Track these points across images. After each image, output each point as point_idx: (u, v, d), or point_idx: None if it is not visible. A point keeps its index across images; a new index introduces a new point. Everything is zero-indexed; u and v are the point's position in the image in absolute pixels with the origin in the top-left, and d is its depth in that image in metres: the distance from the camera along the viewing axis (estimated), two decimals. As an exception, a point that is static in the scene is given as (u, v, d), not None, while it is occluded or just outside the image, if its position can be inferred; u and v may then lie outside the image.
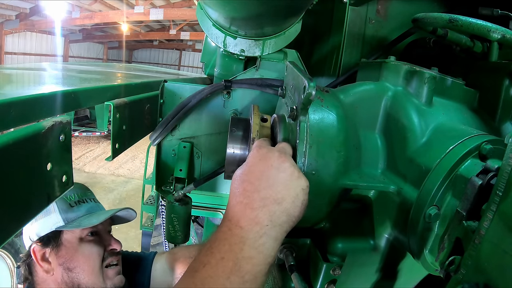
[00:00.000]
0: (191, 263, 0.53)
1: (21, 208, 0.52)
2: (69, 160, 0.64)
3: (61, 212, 1.05)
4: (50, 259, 1.03)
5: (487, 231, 0.46)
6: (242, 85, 1.09)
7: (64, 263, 1.03)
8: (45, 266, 1.03)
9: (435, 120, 0.71)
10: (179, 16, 11.24)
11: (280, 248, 0.81)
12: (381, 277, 0.80)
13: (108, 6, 12.96)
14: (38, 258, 1.03)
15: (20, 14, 11.94)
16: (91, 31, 16.85)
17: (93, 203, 1.16)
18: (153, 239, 4.75)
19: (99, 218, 1.08)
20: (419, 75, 0.75)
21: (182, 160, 1.15)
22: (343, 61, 1.19)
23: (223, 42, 1.03)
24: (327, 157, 0.64)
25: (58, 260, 1.03)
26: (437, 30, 0.92)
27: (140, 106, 1.03)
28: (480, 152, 0.61)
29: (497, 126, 0.81)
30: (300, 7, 0.86)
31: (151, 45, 22.57)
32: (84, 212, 1.10)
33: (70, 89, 0.74)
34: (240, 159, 0.72)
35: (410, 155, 0.69)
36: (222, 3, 0.79)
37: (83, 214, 1.10)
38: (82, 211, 1.10)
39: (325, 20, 1.31)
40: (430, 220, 0.61)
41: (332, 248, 0.77)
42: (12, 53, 13.39)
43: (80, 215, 1.09)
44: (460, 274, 0.51)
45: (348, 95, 0.78)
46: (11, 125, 0.53)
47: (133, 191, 8.55)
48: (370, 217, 0.78)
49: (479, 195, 0.52)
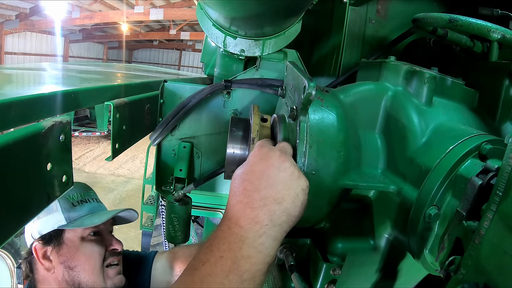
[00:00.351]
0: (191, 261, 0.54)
1: (21, 208, 0.52)
2: (69, 160, 0.64)
3: (63, 211, 1.06)
4: (51, 257, 1.04)
5: (487, 231, 0.46)
6: (242, 85, 1.09)
7: (65, 261, 1.03)
8: (46, 264, 1.03)
9: (435, 120, 0.71)
10: (179, 16, 11.24)
11: (280, 248, 0.81)
12: (381, 277, 0.80)
13: (108, 6, 12.96)
14: (40, 256, 1.03)
15: (20, 14, 11.94)
16: (91, 31, 16.85)
17: (96, 203, 1.17)
18: (153, 239, 4.75)
19: (101, 218, 1.08)
20: (419, 75, 0.75)
21: (182, 160, 1.15)
22: (343, 61, 1.19)
23: (223, 42, 1.03)
24: (327, 157, 0.64)
25: (59, 258, 1.03)
26: (437, 30, 0.92)
27: (140, 106, 1.04)
28: (480, 152, 0.60)
29: (497, 126, 0.81)
30: (300, 7, 0.86)
31: (151, 45, 22.57)
32: (87, 212, 1.11)
33: (70, 89, 0.74)
34: (240, 159, 0.72)
35: (410, 155, 0.69)
36: (222, 3, 0.79)
37: (86, 214, 1.10)
38: (84, 210, 1.11)
39: (325, 20, 1.31)
40: (430, 220, 0.61)
41: (332, 248, 0.77)
42: (12, 53, 13.39)
43: (83, 214, 1.10)
44: (460, 274, 0.51)
45: (348, 95, 0.78)
46: (11, 125, 0.53)
47: (133, 191, 8.55)
48: (370, 217, 0.78)
49: (479, 195, 0.52)
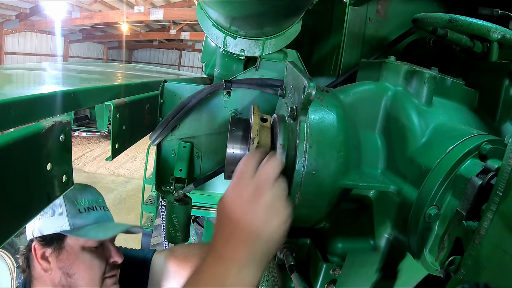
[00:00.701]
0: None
1: (21, 208, 0.52)
2: (69, 160, 0.64)
3: (69, 216, 1.03)
4: (49, 259, 1.03)
5: (487, 231, 0.46)
6: (242, 85, 1.09)
7: (64, 267, 1.02)
8: (44, 264, 1.02)
9: (435, 120, 0.71)
10: (179, 16, 11.23)
11: (280, 248, 0.81)
12: (381, 277, 0.80)
13: (108, 6, 12.96)
14: (38, 255, 1.02)
15: (20, 14, 11.94)
16: (91, 31, 16.85)
17: (103, 211, 1.14)
18: (153, 239, 4.76)
19: (106, 233, 1.05)
20: (419, 75, 0.75)
21: (182, 160, 1.15)
22: (343, 61, 1.19)
23: (223, 42, 1.03)
24: (327, 157, 0.64)
25: (58, 263, 1.02)
26: (437, 30, 0.92)
27: (140, 106, 1.04)
28: (480, 152, 0.60)
29: (497, 126, 0.81)
30: (300, 7, 0.86)
31: (151, 45, 22.56)
32: (92, 221, 1.08)
33: (70, 89, 0.75)
34: (240, 159, 0.72)
35: (410, 155, 0.69)
36: (222, 3, 0.79)
37: (91, 223, 1.07)
38: (90, 219, 1.08)
39: (325, 20, 1.31)
40: (430, 220, 0.61)
41: (332, 248, 0.77)
42: (12, 53, 13.39)
43: (88, 223, 1.07)
44: (460, 274, 0.51)
45: (348, 95, 0.78)
46: (11, 125, 0.53)
47: (133, 191, 8.55)
48: (370, 217, 0.78)
49: (479, 195, 0.52)
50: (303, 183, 0.63)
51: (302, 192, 0.64)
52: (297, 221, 0.72)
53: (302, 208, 0.67)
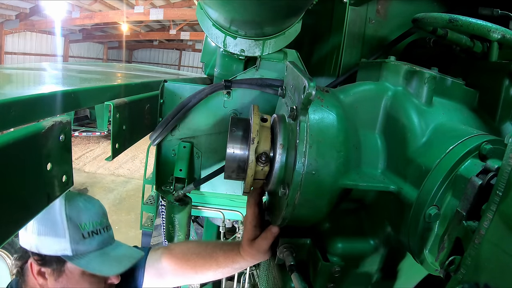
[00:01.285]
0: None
1: (21, 208, 0.52)
2: (69, 160, 0.64)
3: (71, 241, 0.99)
4: (46, 276, 1.01)
5: (487, 231, 0.46)
6: (242, 85, 1.09)
7: None
8: (40, 280, 1.00)
9: (435, 120, 0.71)
10: (179, 16, 11.24)
11: (280, 248, 0.81)
12: (381, 277, 0.80)
13: (108, 6, 12.96)
14: (34, 272, 1.00)
15: (20, 14, 11.94)
16: (91, 31, 16.86)
17: (106, 233, 1.11)
18: (153, 239, 4.75)
19: (111, 269, 1.04)
20: (419, 75, 0.75)
21: (182, 160, 1.16)
22: (343, 61, 1.19)
23: (223, 42, 1.03)
24: (327, 157, 0.64)
25: (56, 284, 1.00)
26: (437, 30, 0.92)
27: (140, 106, 1.04)
28: (480, 152, 0.60)
29: (497, 126, 0.81)
30: (300, 7, 0.86)
31: (151, 45, 22.57)
32: (95, 246, 1.05)
33: (70, 89, 0.75)
34: (240, 159, 0.72)
35: (410, 155, 0.69)
36: (222, 3, 0.79)
37: (94, 249, 1.04)
38: (93, 244, 1.04)
39: (325, 20, 1.31)
40: (430, 220, 0.61)
41: (332, 248, 0.77)
42: (12, 53, 13.39)
43: (91, 249, 1.03)
44: (460, 274, 0.51)
45: (348, 95, 0.78)
46: (11, 125, 0.53)
47: (133, 191, 8.56)
48: (370, 217, 0.78)
49: (479, 195, 0.52)
50: (303, 183, 0.63)
51: (302, 192, 0.64)
52: (297, 221, 0.72)
53: (302, 208, 0.67)
